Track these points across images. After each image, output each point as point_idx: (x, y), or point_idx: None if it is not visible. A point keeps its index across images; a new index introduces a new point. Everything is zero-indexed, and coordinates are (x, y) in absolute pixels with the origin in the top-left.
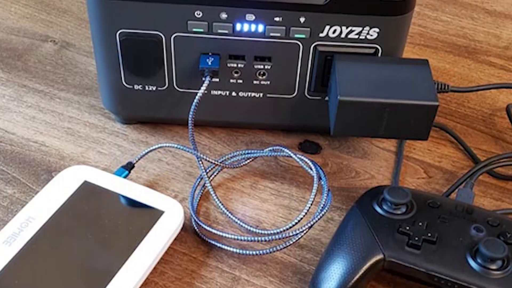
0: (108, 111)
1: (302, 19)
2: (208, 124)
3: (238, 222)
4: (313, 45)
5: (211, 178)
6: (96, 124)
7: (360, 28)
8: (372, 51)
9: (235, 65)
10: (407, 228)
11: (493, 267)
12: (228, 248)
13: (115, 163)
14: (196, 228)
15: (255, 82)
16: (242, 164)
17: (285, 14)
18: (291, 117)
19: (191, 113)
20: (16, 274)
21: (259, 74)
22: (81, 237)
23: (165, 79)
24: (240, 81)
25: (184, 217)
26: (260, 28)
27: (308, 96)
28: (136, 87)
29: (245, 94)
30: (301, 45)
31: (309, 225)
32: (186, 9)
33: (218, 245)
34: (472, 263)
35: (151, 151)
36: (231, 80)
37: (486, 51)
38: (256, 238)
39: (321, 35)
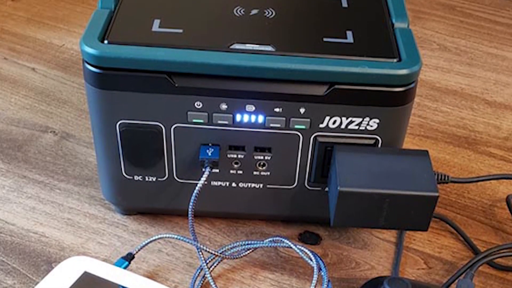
0: (108, 202)
1: (302, 110)
2: (208, 214)
3: None
4: (313, 136)
5: (211, 268)
6: (96, 215)
7: (360, 119)
8: (372, 142)
9: (235, 155)
10: None
11: None
12: None
13: (115, 254)
14: None
15: (255, 172)
16: (242, 255)
17: (285, 105)
18: (291, 208)
19: (191, 204)
20: None
21: (259, 165)
22: None
23: (165, 170)
24: (240, 171)
25: None
26: (260, 119)
27: (308, 187)
28: (136, 178)
29: (245, 185)
30: (301, 136)
31: None
32: (186, 100)
33: None
34: None
35: (151, 241)
36: (231, 171)
37: (486, 142)
38: None
39: (321, 125)
